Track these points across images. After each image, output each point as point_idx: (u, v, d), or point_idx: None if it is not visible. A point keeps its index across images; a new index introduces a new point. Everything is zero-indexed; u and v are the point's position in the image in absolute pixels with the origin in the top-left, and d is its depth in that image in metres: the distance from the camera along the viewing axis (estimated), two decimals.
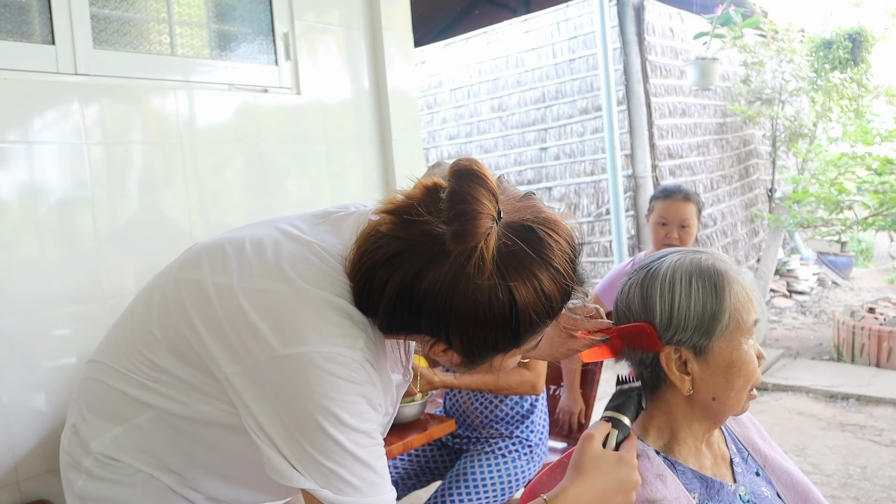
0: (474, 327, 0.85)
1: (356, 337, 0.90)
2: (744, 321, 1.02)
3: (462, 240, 0.82)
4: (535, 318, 0.87)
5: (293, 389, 0.88)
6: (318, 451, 0.87)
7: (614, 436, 1.00)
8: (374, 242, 0.88)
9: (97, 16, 2.12)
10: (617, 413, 1.02)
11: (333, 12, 2.74)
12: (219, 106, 2.37)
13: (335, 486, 0.88)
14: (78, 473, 1.07)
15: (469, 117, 7.01)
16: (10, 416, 1.89)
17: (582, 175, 6.28)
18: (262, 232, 1.02)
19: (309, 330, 0.89)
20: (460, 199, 0.83)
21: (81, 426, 1.07)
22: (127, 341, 1.04)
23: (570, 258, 0.88)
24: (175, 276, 1.02)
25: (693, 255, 1.05)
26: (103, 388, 1.05)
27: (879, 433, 3.85)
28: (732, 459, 1.14)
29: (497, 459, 2.10)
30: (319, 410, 0.87)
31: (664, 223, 2.41)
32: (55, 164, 1.99)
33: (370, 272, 0.88)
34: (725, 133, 7.06)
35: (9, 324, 1.89)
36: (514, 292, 0.83)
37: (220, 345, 0.92)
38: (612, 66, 5.41)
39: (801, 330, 6.21)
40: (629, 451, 0.98)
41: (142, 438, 1.03)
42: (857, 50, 6.43)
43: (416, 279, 0.84)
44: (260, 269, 0.95)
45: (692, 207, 2.42)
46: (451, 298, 0.83)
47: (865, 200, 6.14)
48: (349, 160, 2.78)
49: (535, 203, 0.89)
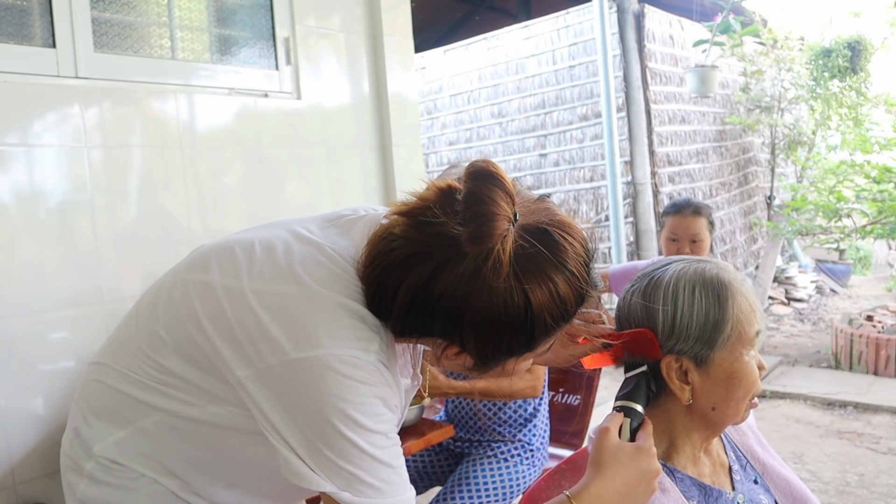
0: (489, 330, 0.85)
1: (370, 339, 0.90)
2: (746, 332, 1.02)
3: (479, 241, 0.81)
4: (549, 321, 0.86)
5: (308, 393, 0.87)
6: (336, 454, 0.87)
7: (628, 425, 0.99)
8: (387, 245, 0.87)
9: (98, 19, 2.12)
10: (628, 401, 1.01)
11: (334, 17, 2.74)
12: (219, 110, 2.37)
13: (355, 489, 0.88)
14: (80, 477, 1.05)
15: (469, 123, 7.02)
16: (7, 420, 1.89)
17: (581, 181, 6.29)
18: (272, 234, 1.00)
19: (322, 333, 0.88)
20: (477, 200, 0.83)
21: (84, 429, 1.06)
22: (132, 343, 1.03)
23: (584, 261, 0.88)
24: (183, 278, 1.01)
25: (697, 265, 1.05)
26: (106, 391, 1.04)
27: (877, 441, 3.84)
28: (731, 467, 1.13)
29: (499, 464, 2.09)
30: (336, 413, 0.86)
31: (675, 239, 2.38)
32: (55, 167, 1.99)
33: (383, 274, 0.87)
34: (725, 140, 7.07)
35: (7, 326, 1.89)
36: (530, 295, 0.83)
37: (231, 348, 0.91)
38: (611, 72, 5.43)
39: (799, 337, 6.21)
40: (646, 439, 0.98)
41: (146, 442, 1.01)
42: (856, 59, 6.44)
43: (431, 281, 0.83)
44: (271, 271, 0.94)
45: (702, 221, 2.39)
46: (467, 300, 0.83)
47: (864, 208, 6.15)
48: (349, 165, 2.79)
49: (550, 206, 0.89)
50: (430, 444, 2.00)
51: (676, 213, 2.42)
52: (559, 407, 2.58)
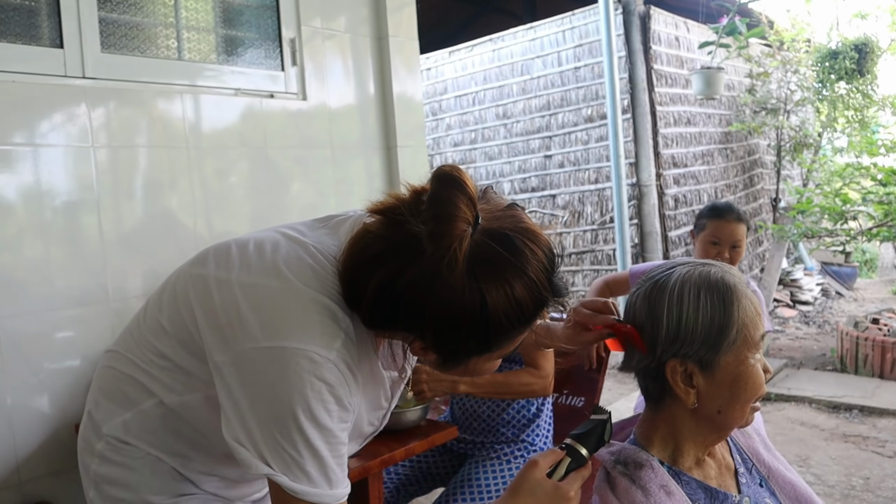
0: (447, 326, 0.90)
1: (334, 337, 0.95)
2: (751, 336, 1.01)
3: (436, 240, 0.87)
4: (505, 322, 0.90)
5: (270, 379, 0.93)
6: (285, 439, 0.92)
7: (565, 464, 1.01)
8: (363, 242, 0.94)
9: (106, 20, 2.13)
10: (575, 442, 1.03)
11: (340, 18, 2.75)
12: (225, 111, 2.38)
13: (293, 473, 0.93)
14: (92, 457, 1.13)
15: (474, 124, 7.01)
16: (13, 417, 1.90)
17: (586, 183, 6.28)
18: (266, 234, 1.08)
19: (291, 325, 0.94)
20: (438, 202, 0.88)
21: (95, 411, 1.14)
22: (139, 332, 1.11)
23: (545, 268, 0.92)
24: (185, 272, 1.10)
25: (702, 268, 1.05)
26: (116, 375, 1.12)
27: (882, 444, 3.83)
28: (737, 470, 1.13)
29: (502, 465, 2.09)
30: (293, 403, 0.92)
31: (715, 242, 2.40)
32: (62, 167, 2.00)
33: (357, 269, 0.94)
34: (730, 142, 7.06)
35: (14, 325, 1.90)
36: (486, 295, 0.87)
37: (214, 334, 0.99)
38: (617, 74, 5.41)
39: (804, 340, 6.20)
40: (572, 481, 1.00)
41: (149, 422, 1.09)
42: (863, 61, 6.42)
43: (396, 276, 0.89)
44: (257, 266, 1.01)
45: (743, 228, 2.42)
46: (426, 296, 0.88)
47: (870, 211, 6.13)
48: (354, 166, 2.79)
49: (517, 213, 0.94)
50: (434, 445, 2.00)
51: (720, 217, 2.43)
52: (563, 408, 2.57)
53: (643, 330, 1.05)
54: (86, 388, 2.05)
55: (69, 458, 2.00)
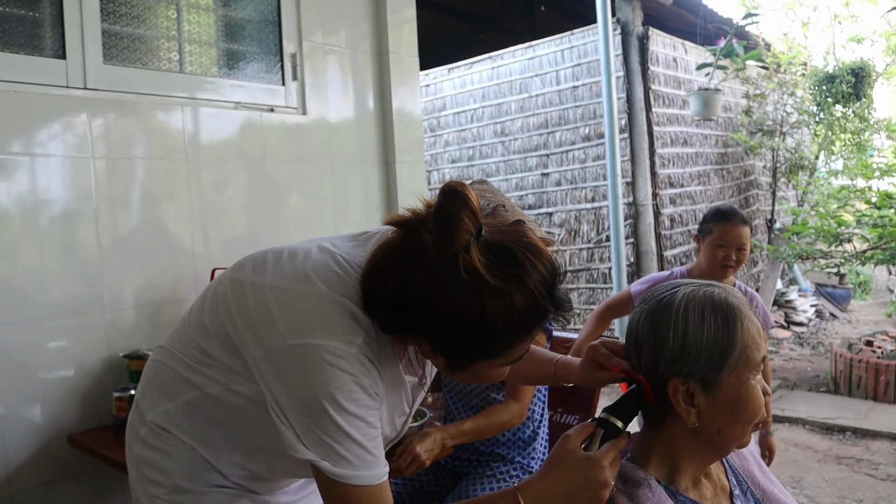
0: (449, 329, 0.97)
1: (355, 334, 1.03)
2: (753, 357, 1.02)
3: (441, 249, 0.95)
4: (504, 329, 0.97)
5: (301, 374, 1.02)
6: (320, 428, 1.01)
7: (599, 435, 1.03)
8: (382, 251, 1.03)
9: (108, 31, 2.14)
10: (608, 415, 1.04)
11: (341, 34, 2.77)
12: (224, 124, 2.39)
13: (333, 459, 1.01)
14: (136, 441, 1.25)
15: (472, 141, 7.04)
16: (5, 427, 1.89)
17: (583, 201, 6.30)
18: (301, 245, 1.18)
19: (315, 324, 1.03)
20: (444, 214, 0.96)
21: (141, 401, 1.27)
22: (185, 330, 1.22)
23: (545, 280, 0.98)
24: (225, 276, 1.20)
25: (706, 289, 1.06)
26: (162, 369, 1.24)
27: (876, 467, 3.83)
28: (732, 492, 1.13)
29: (498, 483, 2.08)
30: (321, 394, 1.00)
31: (722, 245, 2.47)
32: (61, 176, 2.00)
33: (374, 276, 1.02)
34: (726, 163, 7.10)
35: (8, 334, 1.89)
36: (486, 301, 0.94)
37: (249, 332, 1.08)
38: (615, 94, 5.44)
39: (798, 361, 6.20)
40: (607, 451, 1.01)
41: (189, 413, 1.20)
42: (859, 85, 6.48)
43: (406, 283, 0.97)
44: (289, 272, 1.10)
45: (748, 231, 2.52)
46: (431, 301, 0.96)
47: (864, 234, 6.16)
48: (352, 180, 2.80)
49: (522, 229, 1.01)
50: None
51: (726, 220, 2.49)
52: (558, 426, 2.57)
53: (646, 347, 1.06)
54: (79, 398, 2.04)
55: (61, 469, 1.99)
